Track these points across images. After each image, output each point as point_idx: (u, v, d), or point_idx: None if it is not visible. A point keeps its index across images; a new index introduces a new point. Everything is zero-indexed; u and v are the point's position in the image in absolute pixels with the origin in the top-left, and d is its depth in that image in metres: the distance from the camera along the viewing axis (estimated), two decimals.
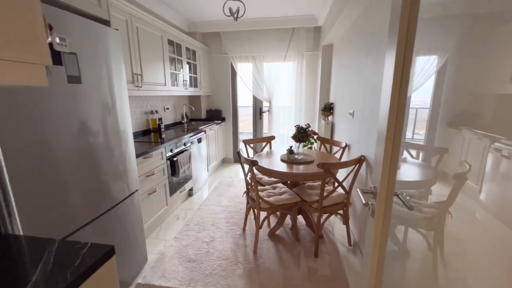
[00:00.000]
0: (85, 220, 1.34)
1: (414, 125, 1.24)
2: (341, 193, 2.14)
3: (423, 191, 1.25)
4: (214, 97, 4.63)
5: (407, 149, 1.27)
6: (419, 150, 1.22)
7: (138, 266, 1.88)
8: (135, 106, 2.90)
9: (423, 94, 1.09)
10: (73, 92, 1.25)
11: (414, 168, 1.25)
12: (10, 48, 0.52)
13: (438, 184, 1.00)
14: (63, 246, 0.78)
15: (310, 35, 4.05)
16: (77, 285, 0.65)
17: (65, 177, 1.22)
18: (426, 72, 1.03)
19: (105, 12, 1.57)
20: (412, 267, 1.17)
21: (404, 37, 0.73)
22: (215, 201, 3.10)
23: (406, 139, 1.24)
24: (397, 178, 1.10)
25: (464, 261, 0.74)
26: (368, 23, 2.06)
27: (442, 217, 0.96)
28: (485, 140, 0.64)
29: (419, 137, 1.20)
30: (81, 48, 1.28)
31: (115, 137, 1.57)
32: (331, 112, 3.55)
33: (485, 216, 0.65)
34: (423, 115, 1.06)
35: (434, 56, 1.00)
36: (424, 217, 1.09)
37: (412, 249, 1.21)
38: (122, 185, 1.65)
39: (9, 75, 0.51)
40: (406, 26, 0.72)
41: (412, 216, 1.11)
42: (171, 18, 3.57)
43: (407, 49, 0.74)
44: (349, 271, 1.91)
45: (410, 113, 1.21)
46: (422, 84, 1.08)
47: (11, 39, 0.53)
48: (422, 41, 0.81)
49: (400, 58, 0.75)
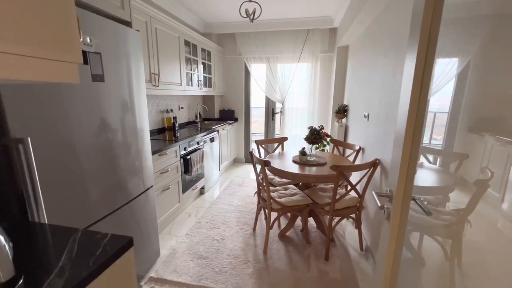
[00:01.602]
0: (102, 213, 1.40)
1: (432, 130, 1.21)
2: (353, 197, 2.11)
3: (441, 198, 1.21)
4: (228, 97, 4.68)
5: (424, 154, 1.24)
6: (436, 155, 1.19)
7: (151, 260, 1.93)
8: (151, 104, 2.98)
9: (442, 97, 1.06)
10: (97, 90, 1.31)
11: (431, 174, 1.22)
12: (49, 48, 0.56)
13: (457, 191, 0.97)
14: (85, 235, 0.83)
15: (325, 37, 4.02)
16: (99, 273, 0.69)
17: (86, 171, 1.28)
18: (446, 75, 1.01)
19: (127, 14, 1.63)
20: (427, 276, 1.14)
21: (426, 39, 0.72)
22: (226, 200, 3.13)
23: (424, 144, 1.21)
24: (414, 183, 1.07)
25: (484, 272, 0.71)
26: (386, 25, 2.02)
27: (461, 225, 0.92)
28: (510, 147, 0.61)
29: (436, 142, 1.17)
30: (105, 48, 1.34)
31: (132, 134, 1.62)
32: (345, 114, 3.50)
33: (508, 226, 0.63)
34: (441, 119, 1.03)
35: (455, 59, 0.97)
36: (442, 225, 1.06)
37: (427, 257, 1.18)
38: (137, 181, 1.70)
39: (47, 73, 0.55)
40: (428, 27, 0.71)
41: (428, 223, 1.08)
42: (187, 20, 3.65)
43: (429, 51, 0.73)
44: (360, 276, 1.88)
45: (428, 117, 1.18)
46: (442, 87, 1.05)
47: (49, 40, 0.58)
48: (442, 43, 0.79)
49: (421, 60, 0.74)
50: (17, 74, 0.51)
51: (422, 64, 0.74)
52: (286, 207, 2.08)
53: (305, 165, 2.24)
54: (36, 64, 0.55)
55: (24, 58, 0.52)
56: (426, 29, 0.71)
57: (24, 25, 0.53)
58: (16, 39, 0.52)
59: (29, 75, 0.52)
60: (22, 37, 0.52)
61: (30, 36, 0.54)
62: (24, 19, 0.53)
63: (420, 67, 0.74)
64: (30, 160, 0.98)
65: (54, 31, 0.57)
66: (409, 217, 0.98)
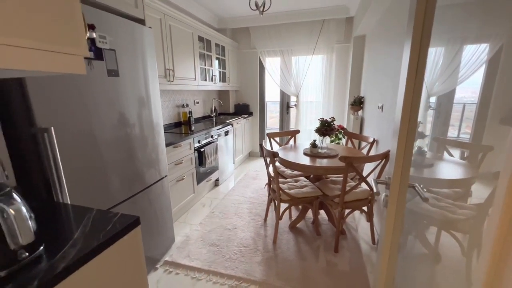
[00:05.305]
0: (120, 198, 1.52)
1: (461, 123, 1.14)
2: (365, 189, 2.07)
3: (460, 191, 1.16)
4: (242, 91, 4.73)
5: (445, 146, 1.18)
6: (460, 148, 1.13)
7: (166, 245, 2.05)
8: (167, 99, 3.11)
9: (470, 87, 0.98)
10: (112, 84, 1.41)
11: (450, 166, 1.17)
12: (58, 43, 0.64)
13: (478, 185, 0.92)
14: (99, 214, 0.92)
15: (341, 27, 3.90)
16: (108, 245, 0.77)
17: (104, 159, 1.39)
18: (474, 63, 0.94)
19: (141, 12, 1.72)
20: (443, 271, 1.11)
21: (420, 28, 0.70)
22: (240, 192, 3.21)
23: (449, 137, 1.15)
24: (431, 175, 1.03)
25: None
26: (401, 12, 1.93)
27: (480, 219, 0.88)
28: None
29: (465, 136, 1.09)
30: (119, 45, 1.44)
31: (146, 126, 1.72)
32: (360, 106, 3.40)
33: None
34: (469, 112, 0.96)
35: (485, 44, 0.90)
36: (458, 219, 1.02)
37: (443, 253, 1.14)
38: (151, 170, 1.81)
39: (56, 64, 0.64)
40: (422, 16, 0.69)
41: (444, 218, 1.04)
42: (201, 15, 3.72)
43: (423, 41, 0.71)
44: (370, 269, 1.85)
45: (455, 110, 1.11)
46: (469, 76, 0.98)
47: (58, 35, 0.65)
48: (468, 28, 0.74)
49: (415, 50, 0.72)
50: (31, 65, 0.59)
51: (417, 54, 0.72)
52: (295, 198, 2.10)
53: (316, 157, 2.23)
54: (47, 56, 0.64)
55: (37, 51, 0.61)
56: (420, 17, 0.69)
57: (36, 23, 0.61)
58: (30, 35, 0.60)
59: (41, 66, 0.61)
60: (34, 33, 0.60)
61: (41, 32, 0.62)
62: (37, 18, 0.61)
63: (414, 57, 0.73)
64: (54, 148, 1.09)
65: (62, 28, 0.65)
66: (426, 211, 0.94)
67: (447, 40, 1.11)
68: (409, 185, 0.82)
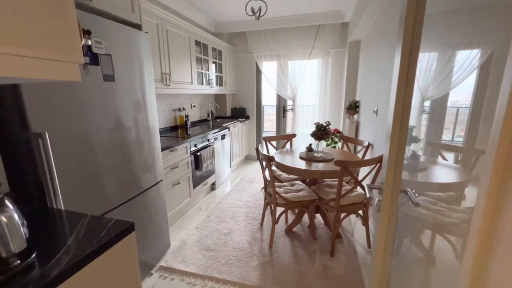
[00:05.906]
0: (115, 203, 1.51)
1: (455, 126, 1.16)
2: (360, 193, 2.08)
3: (454, 195, 1.18)
4: (239, 95, 4.75)
5: (439, 150, 1.20)
6: (452, 152, 1.15)
7: (162, 250, 2.03)
8: (164, 103, 3.11)
9: (462, 91, 1.01)
10: (108, 89, 1.41)
11: (444, 170, 1.18)
12: (53, 50, 0.65)
13: (472, 188, 0.93)
14: (93, 220, 0.91)
15: (337, 32, 3.95)
16: (101, 252, 0.77)
17: (98, 164, 1.38)
18: (466, 68, 0.97)
19: (137, 17, 1.73)
20: (437, 274, 1.12)
21: (410, 35, 0.72)
22: (236, 196, 3.20)
23: (443, 141, 1.17)
24: (425, 179, 1.04)
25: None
26: (395, 18, 1.97)
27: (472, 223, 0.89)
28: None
29: (459, 139, 1.12)
30: (115, 50, 1.44)
31: (141, 130, 1.72)
32: (356, 110, 3.44)
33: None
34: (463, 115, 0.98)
35: (476, 50, 0.93)
36: (452, 222, 1.04)
37: (438, 256, 1.16)
38: (147, 174, 1.80)
39: (51, 72, 0.64)
40: (412, 23, 0.71)
41: (438, 221, 1.06)
42: (198, 20, 3.75)
43: (413, 47, 0.72)
44: (366, 272, 1.86)
45: (449, 113, 1.13)
46: (462, 80, 1.00)
47: (53, 44, 0.66)
48: (460, 35, 0.76)
49: (405, 56, 0.74)
50: (27, 73, 0.59)
51: (407, 59, 0.74)
52: (291, 202, 2.10)
53: (311, 161, 2.24)
54: (41, 64, 0.64)
55: (31, 59, 0.61)
56: (410, 24, 0.71)
57: (31, 32, 0.62)
58: (24, 43, 0.60)
59: (35, 74, 0.61)
60: (29, 42, 0.61)
61: (36, 40, 0.63)
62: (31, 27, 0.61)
63: (405, 62, 0.75)
64: (48, 153, 1.09)
65: (57, 36, 0.66)
66: (420, 215, 0.95)
67: (440, 45, 1.14)
68: (401, 190, 0.83)
